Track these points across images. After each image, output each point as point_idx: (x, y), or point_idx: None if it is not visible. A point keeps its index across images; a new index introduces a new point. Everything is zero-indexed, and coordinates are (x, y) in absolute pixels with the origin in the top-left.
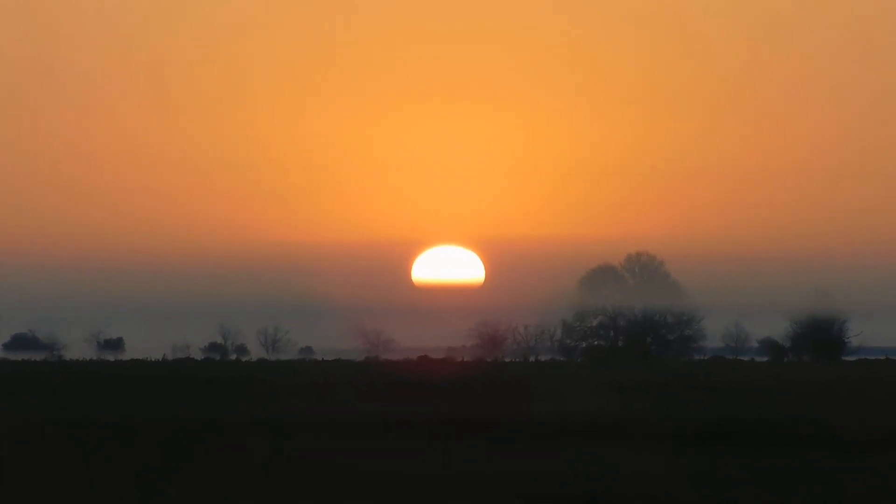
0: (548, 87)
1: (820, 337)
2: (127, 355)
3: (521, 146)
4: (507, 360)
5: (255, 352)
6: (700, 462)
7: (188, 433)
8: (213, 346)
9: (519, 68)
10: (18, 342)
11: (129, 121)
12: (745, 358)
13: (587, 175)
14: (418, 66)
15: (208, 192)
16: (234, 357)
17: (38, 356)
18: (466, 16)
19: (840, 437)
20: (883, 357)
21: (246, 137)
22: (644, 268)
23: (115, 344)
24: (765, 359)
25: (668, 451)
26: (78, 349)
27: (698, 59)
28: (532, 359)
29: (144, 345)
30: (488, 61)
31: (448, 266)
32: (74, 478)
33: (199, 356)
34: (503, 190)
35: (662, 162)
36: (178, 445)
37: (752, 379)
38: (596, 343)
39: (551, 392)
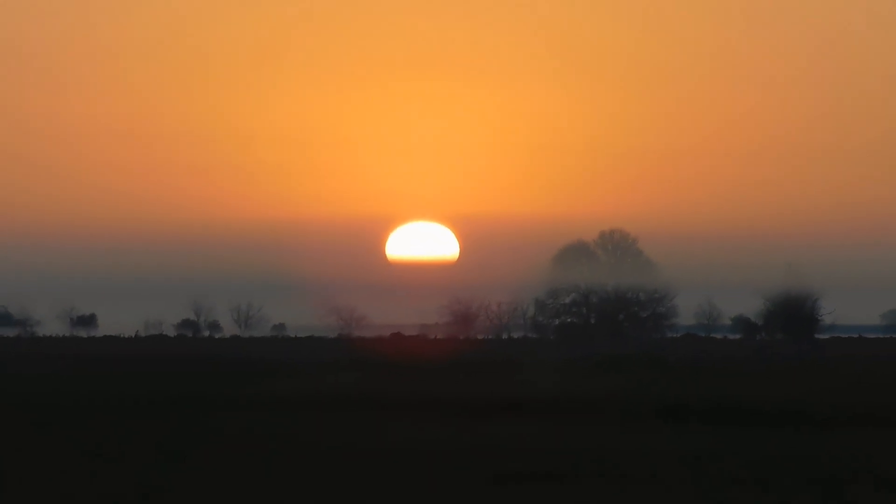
0: (522, 65)
1: (792, 315)
2: (100, 332)
3: (497, 123)
4: (479, 337)
5: (228, 329)
6: (673, 438)
7: (156, 411)
8: (185, 323)
9: (493, 46)
10: None
11: (102, 96)
12: (718, 335)
13: (561, 153)
14: (393, 42)
15: (181, 169)
16: (206, 334)
17: (10, 332)
18: None
19: (813, 414)
20: (856, 335)
21: (218, 113)
22: (617, 245)
23: (88, 320)
24: (737, 336)
25: (641, 428)
26: (51, 326)
27: (673, 37)
28: (505, 336)
29: (117, 321)
30: (463, 38)
31: (422, 242)
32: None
33: (171, 333)
34: (478, 167)
35: (636, 140)
36: (146, 425)
37: (723, 356)
38: (569, 320)
39: (524, 369)
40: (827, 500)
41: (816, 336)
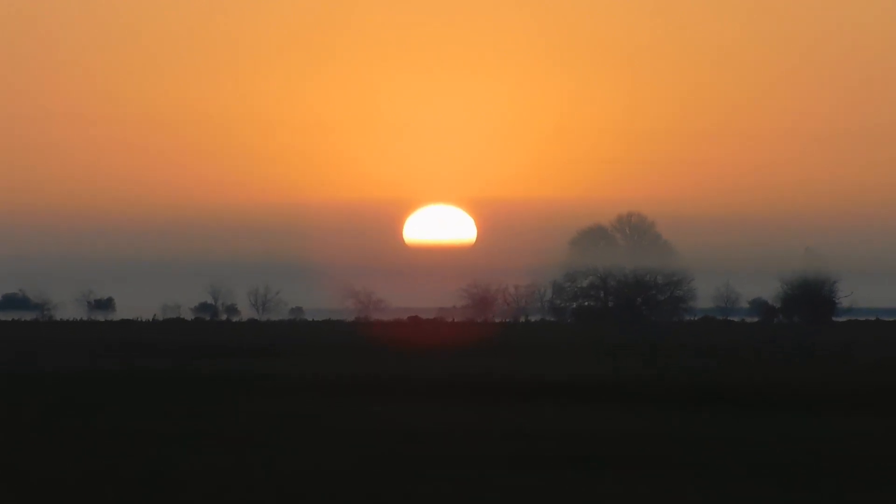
0: (540, 48)
1: (810, 298)
2: (117, 315)
3: (514, 107)
4: (497, 320)
5: (246, 312)
6: (693, 422)
7: (178, 392)
8: (203, 307)
9: (511, 29)
10: (9, 302)
11: (122, 81)
12: (736, 319)
13: (579, 136)
14: (411, 27)
15: (198, 154)
16: (224, 317)
17: (28, 316)
18: None
19: (828, 398)
20: (873, 318)
21: (237, 98)
22: (635, 229)
23: (106, 304)
24: (755, 319)
25: (660, 412)
26: (68, 309)
27: (689, 18)
28: (522, 319)
29: (135, 305)
30: (480, 22)
31: (439, 226)
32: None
33: (189, 316)
34: (496, 150)
35: (654, 123)
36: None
37: (742, 339)
38: (586, 304)
39: (542, 352)
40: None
41: (834, 318)
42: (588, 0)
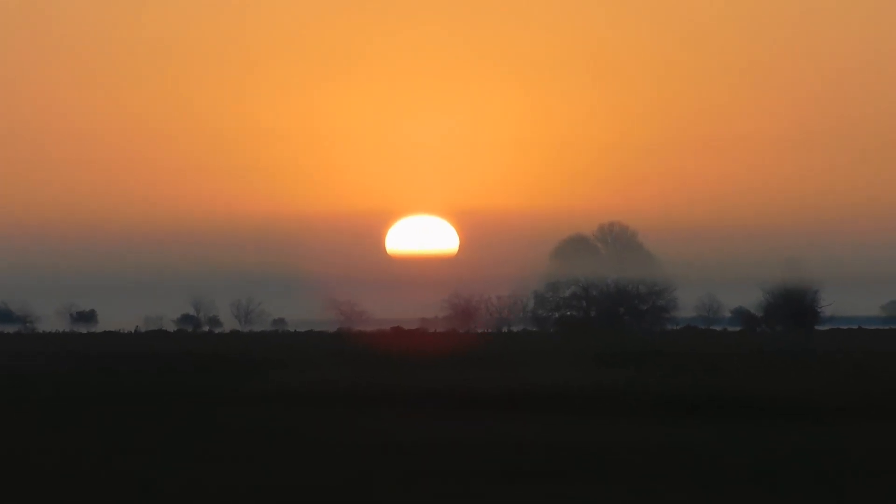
0: (517, 59)
1: (793, 307)
2: (100, 327)
3: (496, 118)
4: (479, 331)
5: (228, 324)
6: (677, 433)
7: (159, 405)
8: (185, 318)
9: (493, 41)
10: None
11: (100, 94)
12: (718, 328)
13: (561, 146)
14: (392, 36)
15: (180, 165)
16: (206, 329)
17: (11, 329)
18: None
19: (813, 407)
20: (856, 327)
21: (217, 110)
22: (617, 238)
23: (88, 316)
24: (737, 329)
25: (644, 422)
26: (51, 322)
27: (667, 27)
28: (504, 329)
29: (117, 317)
30: (462, 34)
31: (422, 236)
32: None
33: (171, 328)
34: (478, 160)
35: (636, 134)
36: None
37: (724, 349)
38: (569, 313)
39: (524, 363)
40: (829, 495)
41: (816, 328)
42: (567, 9)
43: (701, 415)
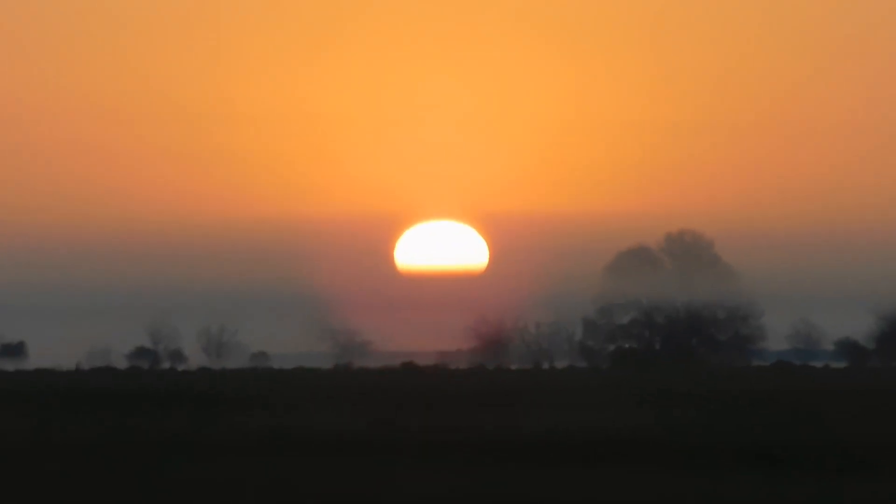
0: (559, 23)
1: None
2: (31, 363)
3: (536, 99)
4: (513, 366)
5: (195, 359)
6: (759, 491)
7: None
8: (140, 352)
9: (532, 10)
10: None
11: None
12: (818, 363)
13: (616, 136)
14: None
15: (135, 156)
16: (167, 366)
17: None
18: None
19: None
20: None
21: (184, 87)
22: (688, 250)
23: (16, 350)
24: (843, 364)
25: (715, 477)
26: None
27: None
28: (546, 365)
29: (53, 351)
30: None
31: (441, 247)
32: None
33: (122, 364)
34: (512, 153)
35: (711, 118)
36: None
37: (825, 390)
38: (627, 346)
39: (570, 405)
40: None
41: None
42: None
43: (800, 468)
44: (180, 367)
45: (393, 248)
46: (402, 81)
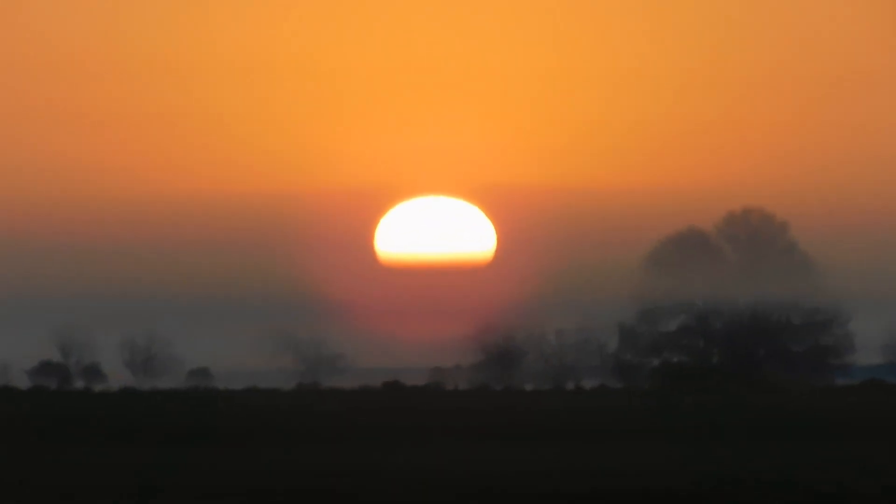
0: None
1: None
2: None
3: (553, 50)
4: (528, 387)
5: (117, 377)
6: None
7: None
8: (46, 368)
9: None
10: None
11: None
12: None
13: (659, 89)
14: None
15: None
16: (80, 385)
17: None
18: None
19: None
20: None
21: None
22: (754, 235)
23: None
24: None
25: None
26: None
27: None
28: (570, 386)
29: None
30: None
31: (435, 231)
32: None
33: (24, 384)
34: (528, 112)
35: (785, 67)
36: None
37: None
38: (675, 360)
39: (603, 435)
40: None
41: None
42: None
43: None
44: (97, 388)
45: (373, 233)
46: (398, 42)
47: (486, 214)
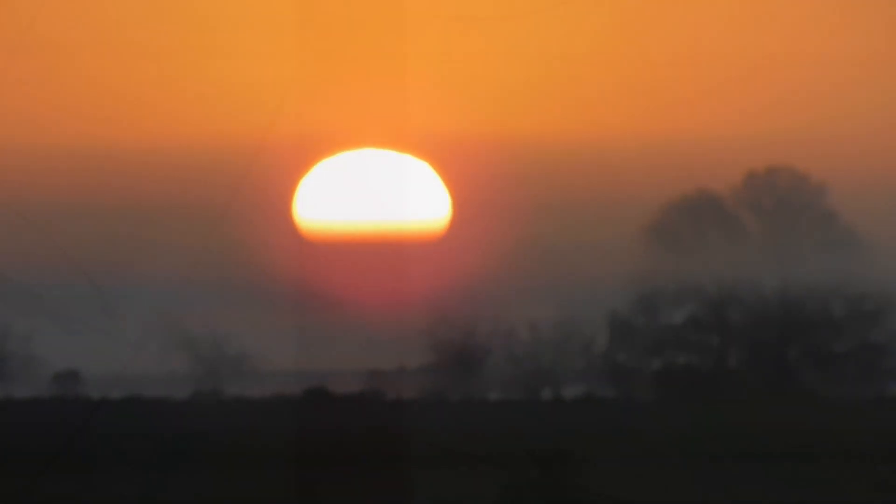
0: None
1: None
2: None
3: None
4: (493, 397)
5: None
6: None
7: None
8: None
9: None
10: None
11: None
12: None
13: (662, 15)
14: None
15: None
16: None
17: None
18: None
19: None
20: None
21: None
22: (782, 199)
23: None
24: None
25: None
26: None
27: None
28: (547, 395)
29: None
30: None
31: (371, 194)
32: None
33: None
34: (491, 43)
35: None
36: None
37: None
38: (682, 361)
39: (590, 465)
40: None
41: None
42: None
43: None
44: None
45: (291, 196)
46: None
47: (438, 172)
